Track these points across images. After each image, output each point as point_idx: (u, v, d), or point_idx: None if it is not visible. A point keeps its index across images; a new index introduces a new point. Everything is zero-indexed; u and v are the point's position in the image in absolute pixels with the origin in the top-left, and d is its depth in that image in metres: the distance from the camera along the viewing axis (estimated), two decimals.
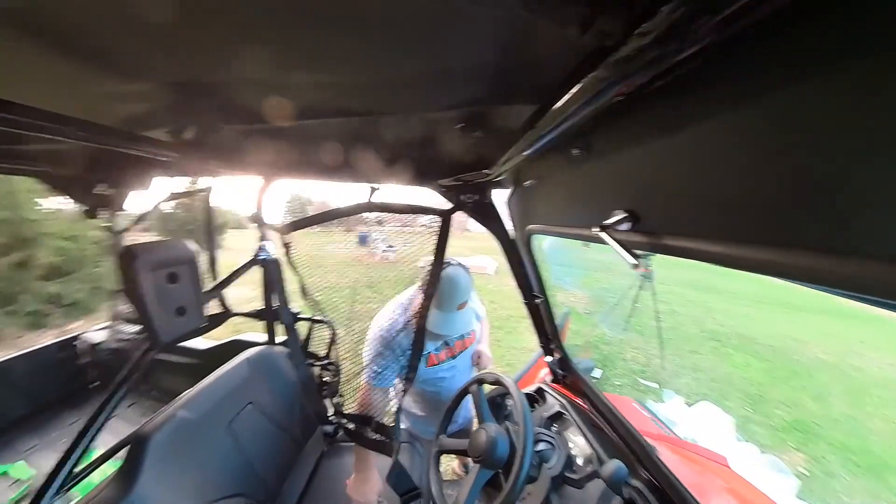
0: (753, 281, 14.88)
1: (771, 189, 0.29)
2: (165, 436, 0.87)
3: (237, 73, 0.47)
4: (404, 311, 1.07)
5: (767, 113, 0.27)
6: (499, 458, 0.80)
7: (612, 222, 0.50)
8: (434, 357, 1.22)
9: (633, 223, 0.48)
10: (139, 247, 0.63)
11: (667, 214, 0.44)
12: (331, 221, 0.97)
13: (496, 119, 0.58)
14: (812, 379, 4.80)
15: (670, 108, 0.37)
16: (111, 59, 0.43)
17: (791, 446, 3.16)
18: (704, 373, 4.44)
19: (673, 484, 0.82)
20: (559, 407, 1.13)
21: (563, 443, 0.98)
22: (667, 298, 7.40)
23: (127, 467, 0.80)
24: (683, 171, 0.39)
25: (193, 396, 1.01)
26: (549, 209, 0.80)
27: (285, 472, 1.24)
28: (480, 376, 1.02)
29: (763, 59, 0.26)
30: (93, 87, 0.51)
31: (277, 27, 0.35)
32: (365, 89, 0.51)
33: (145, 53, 0.42)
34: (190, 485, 0.89)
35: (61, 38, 0.37)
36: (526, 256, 1.08)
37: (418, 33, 0.35)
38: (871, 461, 3.09)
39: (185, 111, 0.63)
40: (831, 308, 9.05)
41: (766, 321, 7.77)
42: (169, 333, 0.68)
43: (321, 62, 0.42)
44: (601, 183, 0.57)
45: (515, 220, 1.01)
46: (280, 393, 1.31)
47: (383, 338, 1.06)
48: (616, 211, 0.50)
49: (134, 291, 0.62)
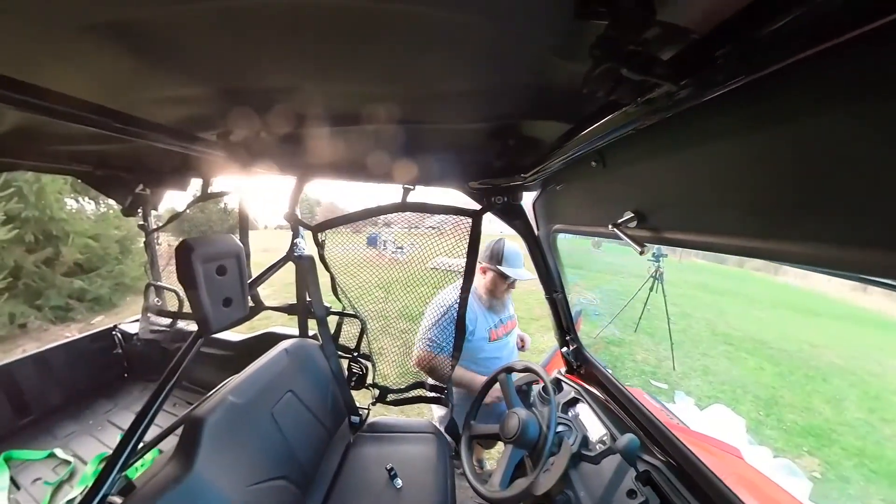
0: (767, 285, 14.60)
1: (748, 191, 0.41)
2: (217, 419, 0.92)
3: (283, 82, 0.53)
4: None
5: (746, 141, 0.40)
6: (530, 439, 0.89)
7: (623, 221, 0.61)
8: (494, 332, 1.42)
9: (639, 221, 0.60)
10: (193, 240, 0.67)
11: (666, 213, 0.56)
12: (362, 221, 1.03)
13: (530, 130, 0.67)
14: (827, 384, 4.70)
15: (674, 131, 0.48)
16: (175, 64, 0.49)
17: (805, 451, 3.12)
18: (716, 376, 4.38)
19: (692, 461, 0.85)
20: (574, 394, 1.21)
21: (579, 425, 1.07)
22: (678, 301, 7.34)
23: (183, 446, 0.85)
24: (681, 180, 0.51)
25: (239, 383, 1.07)
26: (572, 211, 0.88)
27: (318, 460, 1.29)
28: (510, 365, 1.10)
29: (753, 99, 0.36)
30: (156, 90, 0.57)
31: (324, 42, 0.40)
32: (407, 101, 0.57)
33: (205, 61, 0.47)
34: (241, 466, 0.93)
35: (135, 41, 0.42)
36: (549, 254, 1.15)
37: (470, 53, 0.41)
38: (887, 467, 3.04)
39: (235, 115, 0.69)
40: (847, 313, 8.84)
41: (780, 325, 7.63)
42: (218, 322, 0.72)
43: (366, 74, 0.48)
44: (614, 189, 0.68)
45: (541, 220, 1.09)
46: (314, 383, 1.37)
47: (446, 308, 1.26)
48: (626, 212, 0.61)
49: (189, 282, 0.65)
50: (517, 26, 0.35)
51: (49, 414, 1.85)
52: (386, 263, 1.04)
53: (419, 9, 0.33)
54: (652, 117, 0.41)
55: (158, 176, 1.50)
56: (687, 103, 0.36)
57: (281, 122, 0.70)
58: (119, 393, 2.07)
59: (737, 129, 0.40)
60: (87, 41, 0.40)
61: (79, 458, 1.61)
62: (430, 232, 0.86)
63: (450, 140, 0.76)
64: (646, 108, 0.38)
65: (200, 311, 0.69)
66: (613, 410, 1.13)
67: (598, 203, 0.76)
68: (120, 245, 5.68)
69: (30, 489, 1.45)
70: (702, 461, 0.85)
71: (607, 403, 1.16)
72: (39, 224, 4.61)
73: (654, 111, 0.39)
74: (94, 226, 5.31)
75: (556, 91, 0.50)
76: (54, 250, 4.83)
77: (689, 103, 0.36)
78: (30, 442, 1.68)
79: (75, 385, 1.98)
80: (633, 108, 0.40)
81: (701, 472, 0.83)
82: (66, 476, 1.51)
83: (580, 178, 0.77)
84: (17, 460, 1.56)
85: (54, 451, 1.61)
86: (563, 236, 1.11)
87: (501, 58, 0.42)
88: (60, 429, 1.79)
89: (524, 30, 0.36)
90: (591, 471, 0.91)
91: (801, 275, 14.96)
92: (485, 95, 0.52)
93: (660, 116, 0.40)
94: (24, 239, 4.49)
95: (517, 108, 0.57)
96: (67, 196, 4.94)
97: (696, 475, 0.83)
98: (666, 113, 0.39)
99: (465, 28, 0.35)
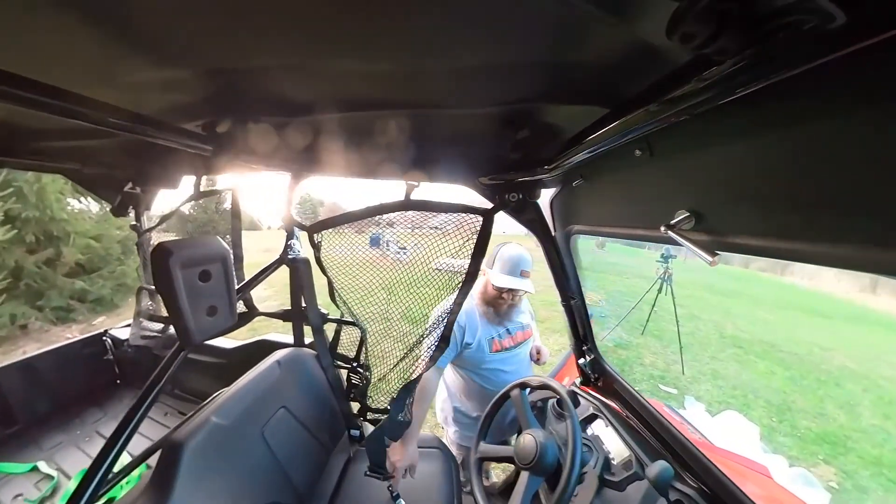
0: (774, 286, 14.45)
1: (833, 191, 0.32)
2: (199, 443, 0.84)
3: (276, 60, 0.45)
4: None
5: (827, 130, 0.31)
6: (549, 465, 0.79)
7: (676, 222, 0.50)
8: (497, 343, 1.28)
9: (696, 222, 0.50)
10: (172, 243, 0.60)
11: (731, 213, 0.46)
12: (362, 220, 0.94)
13: (552, 117, 0.57)
14: (840, 389, 4.62)
15: (736, 116, 0.38)
16: (149, 44, 0.41)
17: (820, 459, 3.03)
18: (726, 380, 4.31)
19: (728, 488, 0.77)
20: (593, 409, 1.10)
21: (599, 445, 0.97)
22: (686, 303, 7.23)
23: (160, 474, 0.78)
24: (749, 174, 0.41)
25: (225, 401, 0.99)
26: (601, 209, 0.78)
27: (315, 478, 1.22)
28: (524, 380, 1.00)
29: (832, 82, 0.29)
30: (130, 75, 0.50)
31: (320, 9, 0.32)
32: (413, 80, 0.48)
33: (183, 38, 0.40)
34: (225, 494, 0.86)
35: (103, 21, 0.35)
36: (566, 257, 1.07)
37: (480, 20, 0.32)
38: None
39: (221, 102, 0.61)
40: (856, 315, 8.71)
41: (790, 327, 7.51)
42: (200, 333, 0.66)
43: (367, 49, 0.40)
44: (664, 183, 0.56)
45: (558, 220, 1.00)
46: (310, 396, 1.29)
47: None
48: (679, 211, 0.51)
49: (166, 289, 0.59)
50: None
51: (35, 423, 1.77)
52: (390, 265, 0.95)
53: None
54: (722, 96, 0.31)
55: (148, 173, 1.43)
56: (774, 75, 0.27)
57: (272, 109, 0.62)
58: (109, 401, 2.00)
59: (830, 108, 0.30)
60: (49, 19, 0.34)
61: (63, 473, 1.53)
62: (433, 233, 0.78)
63: (459, 129, 0.67)
64: (706, 87, 0.29)
65: (180, 321, 0.62)
66: (636, 428, 1.03)
67: (641, 199, 0.65)
68: (122, 245, 5.67)
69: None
70: (739, 488, 0.77)
71: (628, 420, 1.07)
72: (40, 224, 4.59)
73: (726, 88, 0.29)
74: (96, 226, 5.30)
75: (588, 68, 0.40)
76: (55, 251, 4.81)
77: (778, 74, 0.27)
78: (14, 454, 1.60)
79: (64, 393, 1.91)
80: (693, 85, 0.30)
81: (739, 501, 0.75)
82: (48, 493, 1.44)
83: (615, 171, 0.66)
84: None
85: (37, 465, 1.54)
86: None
87: (522, 26, 0.33)
88: (47, 440, 1.71)
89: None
90: (614, 498, 0.82)
91: (808, 275, 14.76)
92: (504, 71, 0.43)
93: (730, 95, 0.30)
94: (25, 239, 4.47)
95: (537, 89, 0.48)
96: (69, 196, 4.92)
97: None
98: (738, 90, 0.29)
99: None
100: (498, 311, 1.28)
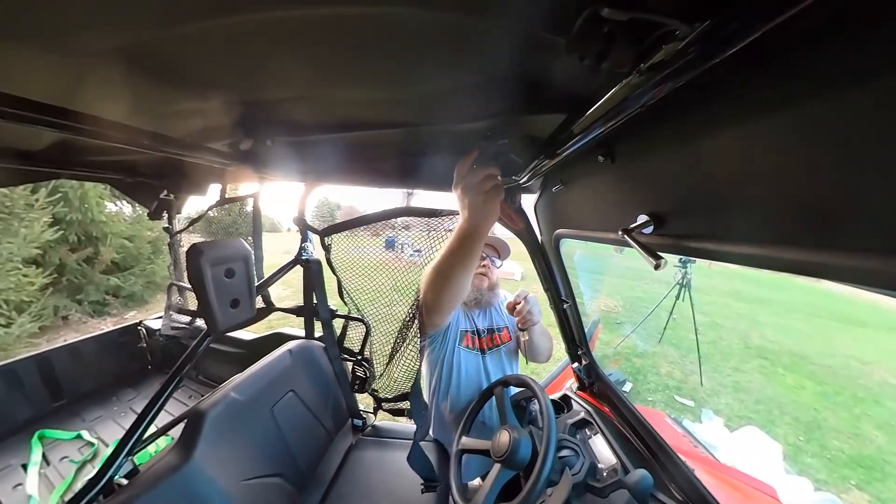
0: (808, 291, 13.43)
1: (794, 190, 0.31)
2: (219, 413, 0.96)
3: (289, 92, 0.53)
4: None
5: (790, 121, 0.28)
6: (521, 460, 0.81)
7: (636, 226, 0.51)
8: (470, 338, 1.27)
9: (655, 226, 0.49)
10: (204, 244, 0.69)
11: (690, 217, 0.45)
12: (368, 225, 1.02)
13: (524, 127, 0.61)
14: (880, 407, 4.25)
15: (692, 114, 0.38)
16: (187, 83, 0.50)
17: (852, 484, 2.79)
18: (749, 393, 4.05)
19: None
20: (584, 415, 1.11)
21: (588, 451, 0.97)
22: (707, 310, 6.93)
23: (185, 438, 0.89)
24: (708, 176, 0.40)
25: (243, 380, 1.10)
26: (576, 213, 0.81)
27: (317, 460, 1.30)
28: (505, 378, 1.04)
29: (786, 70, 0.27)
30: (169, 106, 0.59)
31: (322, 50, 0.39)
32: (401, 104, 0.55)
33: (213, 76, 0.48)
34: (237, 460, 0.97)
35: (153, 67, 0.44)
36: (554, 261, 1.08)
37: (449, 51, 0.38)
38: None
39: (244, 125, 0.70)
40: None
41: (823, 338, 7.04)
42: (225, 322, 0.74)
43: (365, 80, 0.47)
44: (625, 188, 0.57)
45: (543, 224, 1.02)
46: (317, 384, 1.39)
47: None
48: (640, 215, 0.51)
49: (197, 283, 0.67)
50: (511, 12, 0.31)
51: (79, 399, 2.01)
52: (393, 266, 1.02)
53: (408, 10, 0.30)
54: (663, 87, 0.30)
55: (180, 182, 1.58)
56: (711, 59, 0.26)
57: (287, 130, 0.71)
58: (142, 383, 2.22)
59: (793, 99, 0.27)
60: (105, 65, 0.42)
61: (102, 441, 1.74)
62: (432, 235, 0.83)
63: (445, 142, 0.73)
64: (652, 74, 0.29)
65: (208, 311, 0.70)
66: (627, 436, 1.04)
67: (605, 203, 0.66)
68: (152, 245, 6.04)
69: (57, 466, 1.58)
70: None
71: (621, 427, 1.07)
72: (82, 226, 4.97)
73: (666, 77, 0.29)
74: (130, 227, 5.67)
75: (545, 80, 0.44)
76: (94, 250, 5.19)
77: (716, 58, 0.25)
78: (61, 423, 1.83)
79: (103, 374, 2.13)
80: (637, 77, 0.30)
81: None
82: (89, 456, 1.64)
83: (584, 177, 0.68)
84: (49, 438, 1.72)
85: (81, 433, 1.76)
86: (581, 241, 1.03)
87: (492, 50, 0.37)
88: (88, 413, 1.94)
89: (515, 12, 0.31)
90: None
91: None
92: (477, 90, 0.48)
93: (674, 84, 0.30)
94: (69, 239, 4.86)
95: (508, 101, 0.51)
96: (107, 200, 5.32)
97: None
98: (680, 79, 0.28)
99: (452, 23, 0.33)
100: (478, 289, 1.26)
